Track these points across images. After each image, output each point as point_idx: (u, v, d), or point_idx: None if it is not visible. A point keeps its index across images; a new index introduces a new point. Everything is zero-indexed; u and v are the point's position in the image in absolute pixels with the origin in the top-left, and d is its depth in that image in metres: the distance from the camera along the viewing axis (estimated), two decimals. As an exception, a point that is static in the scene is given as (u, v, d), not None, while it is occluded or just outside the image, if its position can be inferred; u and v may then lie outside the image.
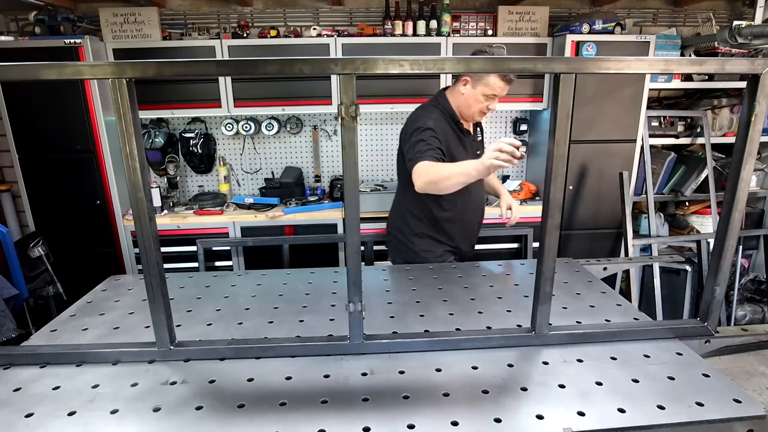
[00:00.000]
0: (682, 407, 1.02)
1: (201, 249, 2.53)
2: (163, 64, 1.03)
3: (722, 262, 1.23)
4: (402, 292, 1.65)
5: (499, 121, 3.86)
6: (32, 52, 2.91)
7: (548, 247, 1.18)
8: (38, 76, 1.01)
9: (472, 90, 2.02)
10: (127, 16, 3.11)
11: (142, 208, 1.10)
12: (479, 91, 2.01)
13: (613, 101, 3.23)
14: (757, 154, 1.14)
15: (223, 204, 3.48)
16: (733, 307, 3.46)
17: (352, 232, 1.14)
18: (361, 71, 1.02)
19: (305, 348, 1.24)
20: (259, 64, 1.03)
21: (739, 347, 1.46)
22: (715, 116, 3.63)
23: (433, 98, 2.16)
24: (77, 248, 3.26)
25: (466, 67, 1.05)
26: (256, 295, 1.65)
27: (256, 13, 3.50)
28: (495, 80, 1.96)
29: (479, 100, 2.03)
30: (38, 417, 1.02)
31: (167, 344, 1.22)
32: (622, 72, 1.07)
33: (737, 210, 1.17)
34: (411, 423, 0.98)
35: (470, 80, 2.01)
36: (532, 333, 1.28)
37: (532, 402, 1.05)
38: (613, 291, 1.67)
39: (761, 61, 1.04)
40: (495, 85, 1.97)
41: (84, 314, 1.52)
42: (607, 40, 3.15)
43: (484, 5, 3.56)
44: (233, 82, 3.23)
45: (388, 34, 3.31)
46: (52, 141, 3.08)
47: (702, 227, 3.57)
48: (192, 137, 3.49)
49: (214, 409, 1.04)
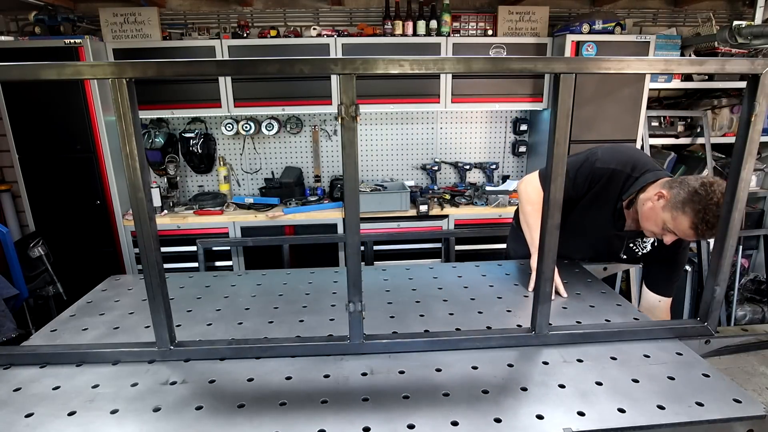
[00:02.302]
0: (682, 407, 1.02)
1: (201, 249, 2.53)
2: (163, 64, 1.03)
3: (722, 262, 1.23)
4: (402, 292, 1.64)
5: (499, 121, 3.86)
6: (32, 52, 2.92)
7: (548, 247, 1.18)
8: (38, 76, 1.01)
9: (660, 211, 1.53)
10: (127, 16, 3.11)
11: (142, 208, 1.09)
12: (663, 218, 1.52)
13: (613, 101, 3.23)
14: (757, 154, 1.14)
15: (223, 204, 3.48)
16: (733, 307, 3.47)
17: (352, 232, 1.14)
18: (361, 71, 1.02)
19: (305, 348, 1.24)
20: (259, 64, 1.03)
21: (739, 347, 1.46)
22: (715, 116, 3.63)
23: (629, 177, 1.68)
24: (77, 248, 3.27)
25: (466, 67, 1.05)
26: (256, 295, 1.65)
27: (256, 13, 3.50)
28: (685, 223, 1.45)
29: (658, 224, 1.55)
30: (38, 417, 1.02)
31: (167, 344, 1.22)
32: (622, 72, 1.07)
33: (737, 210, 1.17)
34: (411, 423, 0.98)
35: (667, 200, 1.51)
36: (532, 333, 1.27)
37: (532, 402, 1.05)
38: (613, 291, 1.66)
39: (761, 61, 1.04)
40: (681, 226, 1.47)
41: (84, 314, 1.52)
42: (607, 40, 3.15)
43: (484, 5, 3.56)
44: (233, 82, 3.23)
45: (388, 34, 3.31)
46: (52, 141, 3.08)
47: (702, 227, 3.57)
48: (192, 137, 3.49)
49: (214, 409, 1.04)
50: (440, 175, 3.92)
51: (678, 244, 1.65)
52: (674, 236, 1.54)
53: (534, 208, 1.81)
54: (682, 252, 1.76)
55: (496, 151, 3.95)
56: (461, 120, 3.84)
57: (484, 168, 3.89)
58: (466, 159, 3.92)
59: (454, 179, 3.98)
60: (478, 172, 3.96)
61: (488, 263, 1.94)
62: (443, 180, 3.97)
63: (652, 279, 1.83)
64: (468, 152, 3.93)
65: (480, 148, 3.93)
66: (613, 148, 1.73)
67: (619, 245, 1.80)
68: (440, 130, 3.85)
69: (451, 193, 3.65)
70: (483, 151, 3.94)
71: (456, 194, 3.65)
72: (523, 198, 1.88)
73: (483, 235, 3.18)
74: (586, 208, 1.77)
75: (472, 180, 3.96)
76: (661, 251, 1.75)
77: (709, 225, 1.40)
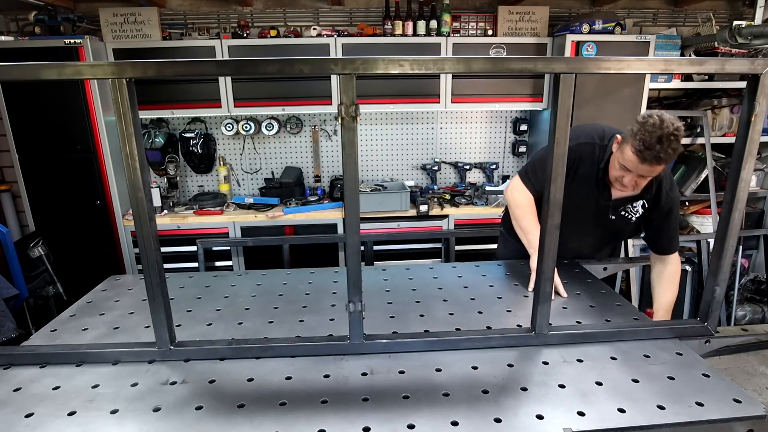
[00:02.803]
0: (682, 407, 1.02)
1: (201, 249, 2.53)
2: (163, 64, 1.03)
3: (722, 262, 1.23)
4: (402, 292, 1.64)
5: (499, 121, 3.86)
6: (32, 52, 2.92)
7: (548, 247, 1.18)
8: (38, 76, 1.01)
9: (617, 154, 1.64)
10: (127, 16, 3.11)
11: (142, 208, 1.09)
12: (616, 157, 1.63)
13: (613, 101, 3.23)
14: (757, 154, 1.14)
15: (223, 204, 3.48)
16: (733, 307, 3.46)
17: (352, 232, 1.14)
18: (361, 71, 1.02)
19: (305, 348, 1.24)
20: (259, 64, 1.03)
21: (739, 347, 1.46)
22: (715, 116, 3.63)
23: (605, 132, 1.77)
24: (77, 248, 3.26)
25: (466, 67, 1.05)
26: (256, 295, 1.65)
27: (256, 13, 3.50)
28: (629, 151, 1.54)
29: (615, 166, 1.65)
30: (38, 417, 1.02)
31: (167, 344, 1.22)
32: (622, 72, 1.07)
33: (737, 210, 1.17)
34: (411, 423, 0.98)
35: (619, 141, 1.64)
36: (532, 333, 1.27)
37: (532, 402, 1.05)
38: (613, 291, 1.66)
39: (761, 61, 1.04)
40: (627, 155, 1.56)
41: (84, 314, 1.52)
42: (607, 40, 3.15)
43: (484, 5, 3.56)
44: (233, 82, 3.23)
45: (388, 34, 3.31)
46: (52, 141, 3.08)
47: (702, 227, 3.57)
48: (192, 137, 3.49)
49: (214, 409, 1.04)
50: (440, 175, 3.92)
51: (664, 203, 1.72)
52: (631, 174, 1.59)
53: (524, 211, 1.85)
54: (674, 207, 1.76)
55: (496, 151, 3.95)
56: (461, 120, 3.84)
57: (484, 168, 3.89)
58: (466, 159, 3.92)
59: (454, 179, 3.98)
60: (478, 172, 3.96)
61: (488, 263, 1.94)
62: (443, 180, 3.97)
63: (654, 241, 1.84)
64: (468, 152, 3.93)
65: (480, 148, 3.93)
66: (574, 128, 1.73)
67: (612, 217, 1.83)
68: (440, 130, 3.85)
69: (451, 193, 3.65)
70: (483, 151, 3.94)
71: (456, 194, 3.64)
72: (512, 203, 1.90)
73: (483, 235, 3.17)
74: (571, 192, 1.79)
75: (472, 180, 3.96)
76: (652, 212, 1.78)
77: (647, 145, 1.46)
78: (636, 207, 1.79)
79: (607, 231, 1.87)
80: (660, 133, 1.45)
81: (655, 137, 1.45)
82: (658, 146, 1.45)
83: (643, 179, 1.61)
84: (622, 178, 1.63)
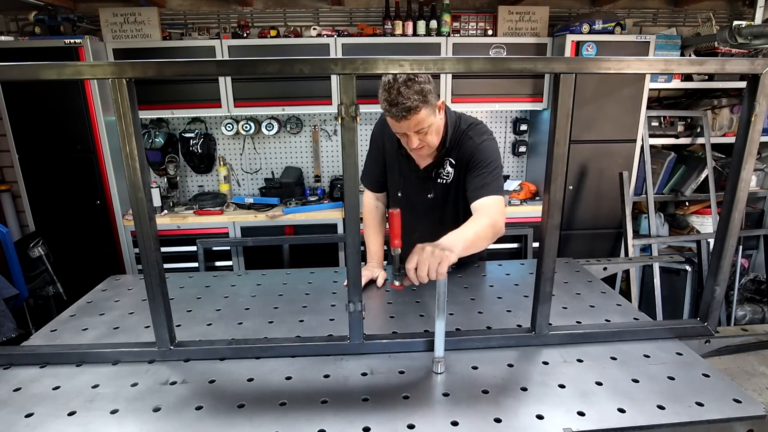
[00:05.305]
0: (682, 407, 1.02)
1: (201, 249, 2.53)
2: (163, 64, 1.03)
3: (722, 262, 1.23)
4: (402, 292, 1.64)
5: (499, 121, 3.86)
6: (32, 52, 2.91)
7: (548, 247, 1.18)
8: (38, 76, 1.01)
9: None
10: (127, 16, 3.11)
11: (142, 208, 1.10)
12: (391, 126, 1.60)
13: (613, 101, 3.23)
14: (757, 154, 1.14)
15: (223, 204, 3.48)
16: (733, 307, 3.46)
17: (352, 232, 1.14)
18: (361, 71, 1.02)
19: (305, 348, 1.24)
20: (259, 64, 1.03)
21: (739, 347, 1.46)
22: (715, 116, 3.62)
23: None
24: (77, 248, 3.26)
25: (466, 67, 1.05)
26: (256, 295, 1.65)
27: (256, 13, 3.50)
28: (387, 116, 1.54)
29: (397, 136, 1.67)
30: (38, 417, 1.02)
31: (167, 344, 1.22)
32: (622, 72, 1.07)
33: (737, 210, 1.17)
34: (411, 423, 0.98)
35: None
36: (532, 333, 1.28)
37: (532, 402, 1.05)
38: (613, 291, 1.67)
39: (761, 61, 1.04)
40: (389, 121, 1.56)
41: (84, 314, 1.52)
42: (607, 40, 3.15)
43: (484, 5, 3.56)
44: (233, 82, 3.23)
45: (388, 34, 3.30)
46: (52, 141, 3.08)
47: (702, 227, 3.57)
48: (192, 137, 3.48)
49: (214, 409, 1.04)
50: (440, 175, 3.92)
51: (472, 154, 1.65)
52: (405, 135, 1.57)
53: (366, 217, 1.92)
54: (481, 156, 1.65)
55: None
56: (461, 120, 3.84)
57: (484, 168, 3.89)
58: (466, 159, 3.92)
59: (454, 179, 3.98)
60: (478, 172, 3.95)
61: (488, 263, 1.94)
62: (443, 180, 3.96)
63: (470, 191, 1.66)
64: (468, 152, 3.93)
65: (480, 148, 3.92)
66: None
67: (430, 185, 1.77)
68: (440, 130, 3.85)
69: (451, 193, 3.64)
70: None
71: (456, 194, 3.64)
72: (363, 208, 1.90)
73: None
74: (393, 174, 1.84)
75: (472, 180, 3.95)
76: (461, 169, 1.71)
77: (390, 102, 1.46)
78: (446, 168, 1.74)
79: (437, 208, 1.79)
80: (396, 86, 1.44)
81: (393, 93, 1.44)
82: (400, 98, 1.43)
83: (421, 134, 1.56)
84: (407, 143, 1.62)
